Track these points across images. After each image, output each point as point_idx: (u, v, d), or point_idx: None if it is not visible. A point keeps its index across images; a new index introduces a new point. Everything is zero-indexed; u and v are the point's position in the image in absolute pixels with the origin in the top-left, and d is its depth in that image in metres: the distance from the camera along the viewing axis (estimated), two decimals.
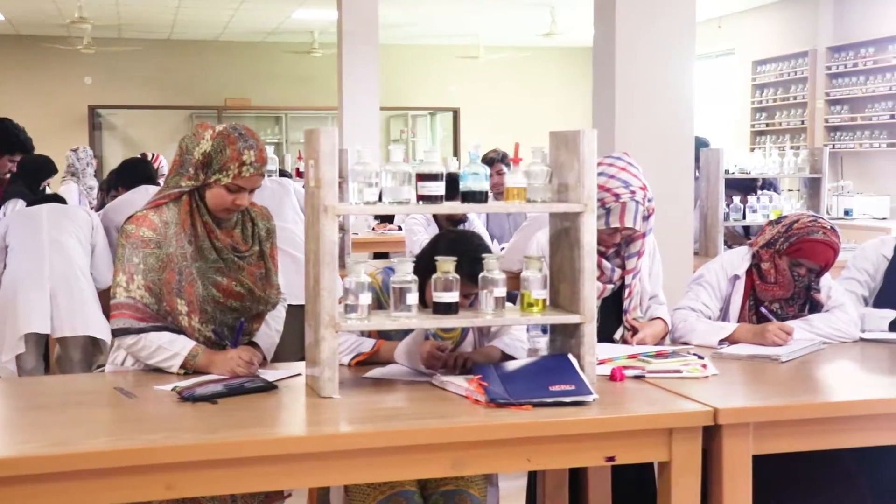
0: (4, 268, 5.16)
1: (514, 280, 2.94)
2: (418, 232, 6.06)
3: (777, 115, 11.46)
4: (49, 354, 5.53)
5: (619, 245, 3.43)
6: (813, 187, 6.39)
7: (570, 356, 2.86)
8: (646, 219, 3.39)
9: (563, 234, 2.97)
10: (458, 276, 2.84)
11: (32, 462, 2.28)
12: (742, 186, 6.42)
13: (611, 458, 2.63)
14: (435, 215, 5.89)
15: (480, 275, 2.86)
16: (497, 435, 2.54)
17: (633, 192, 3.32)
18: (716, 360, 3.19)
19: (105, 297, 4.61)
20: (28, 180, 5.82)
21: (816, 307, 3.57)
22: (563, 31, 12.09)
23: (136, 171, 5.94)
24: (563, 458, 2.69)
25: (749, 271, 3.59)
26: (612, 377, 2.94)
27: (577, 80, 14.53)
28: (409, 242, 6.22)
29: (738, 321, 3.55)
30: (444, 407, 2.68)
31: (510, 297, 2.94)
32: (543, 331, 3.23)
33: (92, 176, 8.34)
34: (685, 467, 2.63)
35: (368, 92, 9.37)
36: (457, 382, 2.82)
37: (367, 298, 2.80)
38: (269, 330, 3.24)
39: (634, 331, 3.41)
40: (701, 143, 6.30)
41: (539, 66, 15.12)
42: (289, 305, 3.42)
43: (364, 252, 8.12)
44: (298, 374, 3.01)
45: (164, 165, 8.61)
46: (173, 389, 2.77)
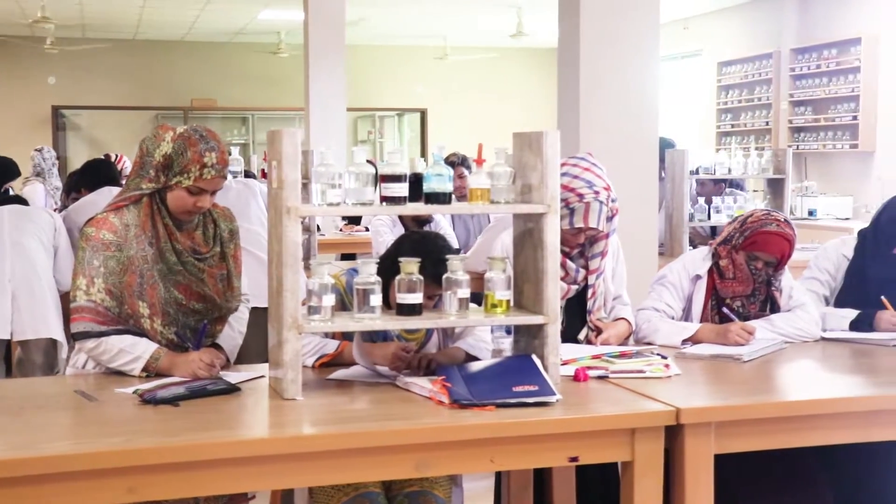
0: None
1: (480, 281, 2.93)
2: (384, 233, 6.05)
3: (742, 115, 11.53)
4: (10, 357, 5.46)
5: (583, 245, 3.44)
6: (776, 188, 6.45)
7: (534, 357, 2.86)
8: (609, 219, 3.40)
9: (526, 234, 2.98)
10: (421, 278, 2.84)
11: None
12: (711, 188, 6.48)
13: (574, 459, 2.64)
14: (401, 216, 5.88)
15: (444, 276, 2.87)
16: (460, 436, 2.54)
17: (596, 193, 3.33)
18: (679, 360, 3.21)
19: (68, 299, 4.55)
20: None
21: (776, 305, 3.60)
22: (530, 33, 12.11)
23: (100, 173, 5.89)
24: (526, 459, 2.69)
25: (710, 271, 3.62)
26: (575, 377, 2.95)
27: (544, 80, 14.56)
28: (375, 243, 6.21)
29: (701, 321, 3.57)
30: (408, 408, 2.68)
31: (477, 298, 2.95)
32: (507, 332, 3.24)
33: (57, 176, 8.27)
34: (647, 467, 2.64)
35: (335, 93, 9.35)
36: (420, 384, 2.82)
37: (330, 300, 2.79)
38: (232, 332, 3.22)
39: (598, 331, 3.42)
40: (666, 144, 6.34)
41: (506, 66, 15.14)
42: (254, 308, 3.41)
43: (331, 253, 8.10)
44: (262, 376, 3.00)
45: (127, 166, 8.52)
46: (135, 392, 2.75)
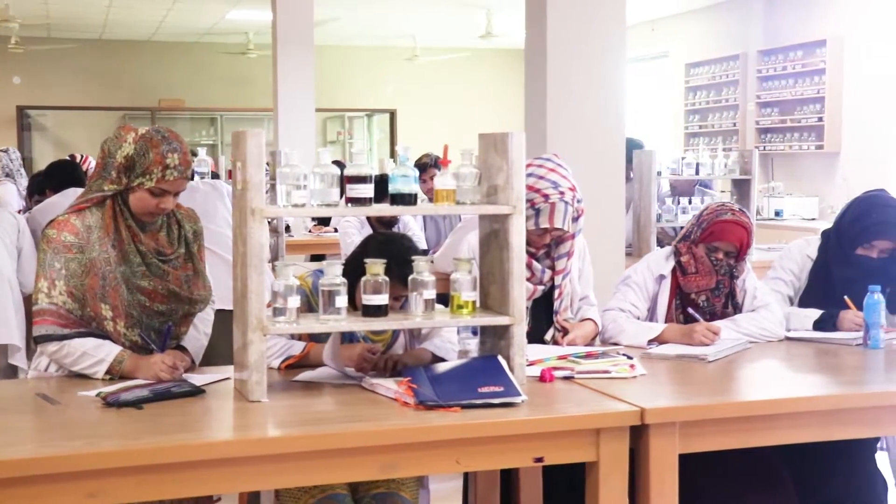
0: None
1: (447, 282, 2.93)
2: (352, 234, 6.05)
3: (710, 117, 11.60)
4: None
5: (549, 246, 3.45)
6: (743, 188, 6.48)
7: (500, 357, 2.87)
8: (575, 220, 3.41)
9: (492, 236, 2.98)
10: (387, 279, 2.83)
11: None
12: (683, 189, 6.52)
13: (539, 459, 2.64)
14: (368, 217, 5.87)
15: (410, 277, 2.86)
16: (426, 437, 2.54)
17: (562, 193, 3.34)
18: (644, 361, 3.22)
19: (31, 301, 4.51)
20: None
21: (735, 297, 3.61)
22: (499, 34, 12.13)
23: (65, 174, 5.86)
24: (491, 460, 2.69)
25: (674, 270, 3.64)
26: (541, 378, 2.96)
27: (514, 81, 14.53)
28: (343, 244, 6.20)
29: (665, 321, 3.59)
30: (374, 410, 2.68)
31: (444, 299, 2.94)
32: (474, 332, 3.24)
33: (25, 177, 8.20)
34: (612, 467, 2.65)
35: (304, 93, 9.33)
36: (386, 385, 2.81)
37: (295, 301, 2.78)
38: (198, 333, 3.21)
39: (565, 332, 3.43)
40: (634, 145, 6.36)
41: (476, 67, 15.14)
42: (222, 310, 3.39)
43: (301, 254, 8.08)
44: (227, 378, 2.98)
45: (92, 167, 8.47)
46: (98, 395, 2.72)
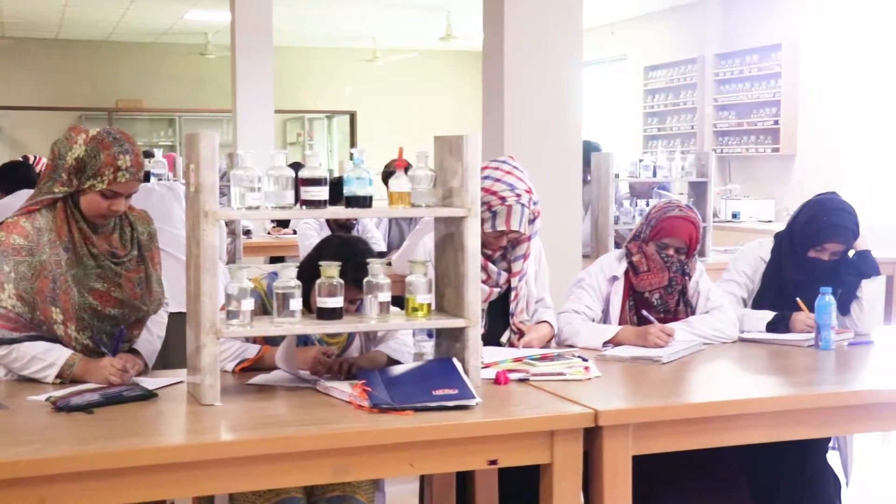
0: None
1: (404, 284, 2.93)
2: (311, 236, 6.03)
3: (668, 119, 11.69)
4: None
5: (506, 248, 3.46)
6: (700, 191, 6.52)
7: (455, 360, 2.87)
8: (531, 222, 3.42)
9: (447, 238, 2.98)
10: (342, 281, 2.83)
11: None
12: (641, 191, 6.55)
13: (493, 462, 2.64)
14: (327, 219, 5.86)
15: (365, 279, 2.86)
16: (379, 440, 2.53)
17: (518, 196, 3.35)
18: (599, 363, 3.24)
19: None
20: None
21: (686, 294, 3.64)
22: (459, 36, 12.15)
23: (17, 175, 5.77)
24: (445, 463, 2.69)
25: (627, 272, 3.66)
26: (496, 381, 2.96)
27: (474, 83, 14.39)
28: (302, 246, 6.19)
29: (619, 322, 3.61)
30: (327, 413, 2.66)
31: (401, 302, 2.94)
32: (429, 335, 3.23)
33: None
34: (566, 469, 2.66)
35: (263, 95, 9.29)
36: (340, 388, 2.80)
37: (249, 304, 2.77)
38: (150, 336, 3.18)
39: (521, 334, 3.44)
40: (592, 148, 6.39)
41: (436, 69, 15.16)
42: (178, 312, 3.36)
43: (260, 256, 8.03)
44: (180, 382, 2.96)
45: None
46: (47, 399, 2.69)
